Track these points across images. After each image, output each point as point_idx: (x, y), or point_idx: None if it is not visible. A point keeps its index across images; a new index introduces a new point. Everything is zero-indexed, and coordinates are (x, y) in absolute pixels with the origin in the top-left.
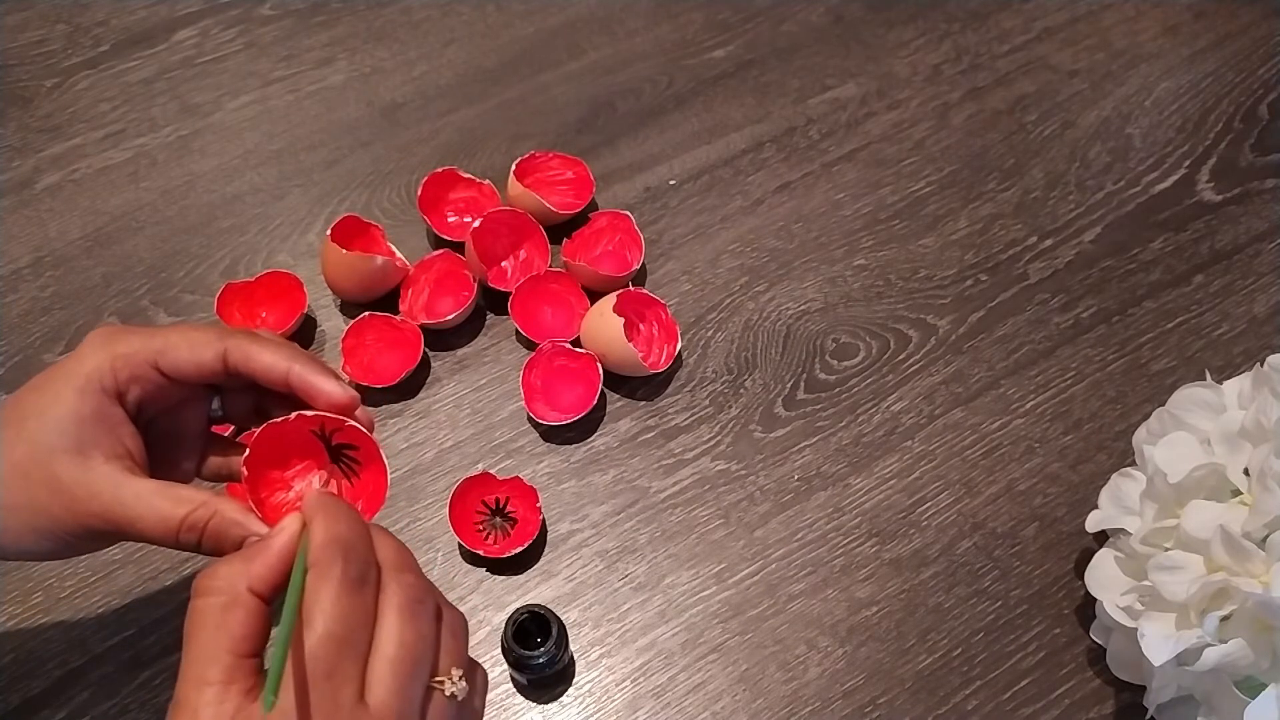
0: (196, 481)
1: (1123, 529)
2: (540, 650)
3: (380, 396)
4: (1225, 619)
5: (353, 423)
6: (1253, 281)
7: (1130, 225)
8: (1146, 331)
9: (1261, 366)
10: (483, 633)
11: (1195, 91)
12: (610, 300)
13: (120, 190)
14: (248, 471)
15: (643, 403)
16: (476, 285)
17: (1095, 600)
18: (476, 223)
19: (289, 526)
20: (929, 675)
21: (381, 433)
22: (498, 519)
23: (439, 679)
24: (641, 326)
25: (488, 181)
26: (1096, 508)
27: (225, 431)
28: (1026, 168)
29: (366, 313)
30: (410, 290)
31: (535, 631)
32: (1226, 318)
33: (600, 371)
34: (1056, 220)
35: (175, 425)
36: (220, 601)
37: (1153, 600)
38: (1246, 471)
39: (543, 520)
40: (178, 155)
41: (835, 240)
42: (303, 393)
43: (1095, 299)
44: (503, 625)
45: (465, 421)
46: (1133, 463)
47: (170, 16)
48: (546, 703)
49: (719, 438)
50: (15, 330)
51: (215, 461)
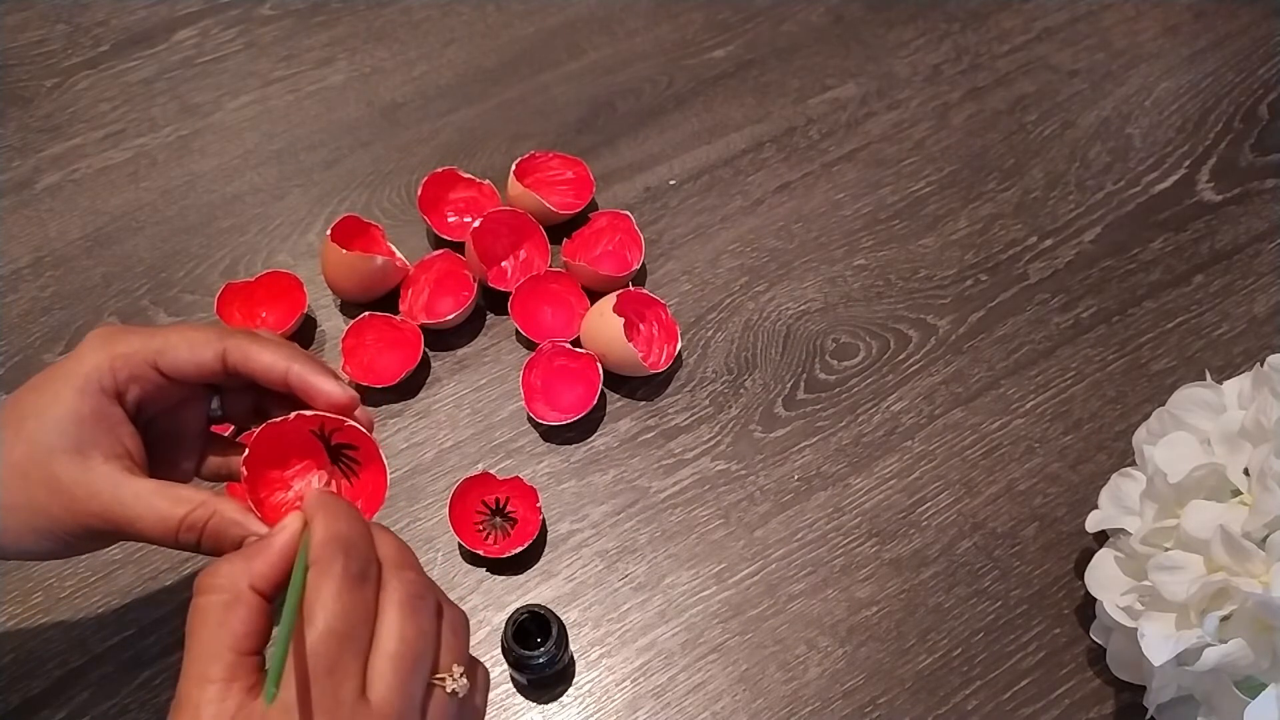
0: (196, 481)
1: (1123, 529)
2: (540, 650)
3: (380, 396)
4: (1225, 619)
5: (352, 422)
6: (1253, 281)
7: (1130, 225)
8: (1146, 331)
9: (1261, 366)
10: (483, 633)
11: (1195, 91)
12: (610, 300)
13: (120, 190)
14: (247, 471)
15: (643, 403)
16: (476, 285)
17: (1095, 600)
18: (476, 223)
19: (290, 525)
20: (929, 675)
21: (381, 433)
22: (498, 519)
23: (440, 675)
24: (641, 326)
25: (488, 181)
26: (1096, 508)
27: (225, 431)
28: (1026, 168)
29: (366, 313)
30: (410, 290)
31: (535, 631)
32: (1226, 318)
33: (600, 371)
34: (1056, 220)
35: (175, 425)
36: (222, 599)
37: (1153, 600)
38: (1246, 471)
39: (543, 520)
40: (178, 155)
41: (835, 240)
42: (302, 392)
43: (1095, 299)
44: (503, 625)
45: (465, 421)
46: (1133, 463)
47: (170, 16)
48: (546, 703)
49: (719, 438)
50: (15, 330)
51: (215, 461)
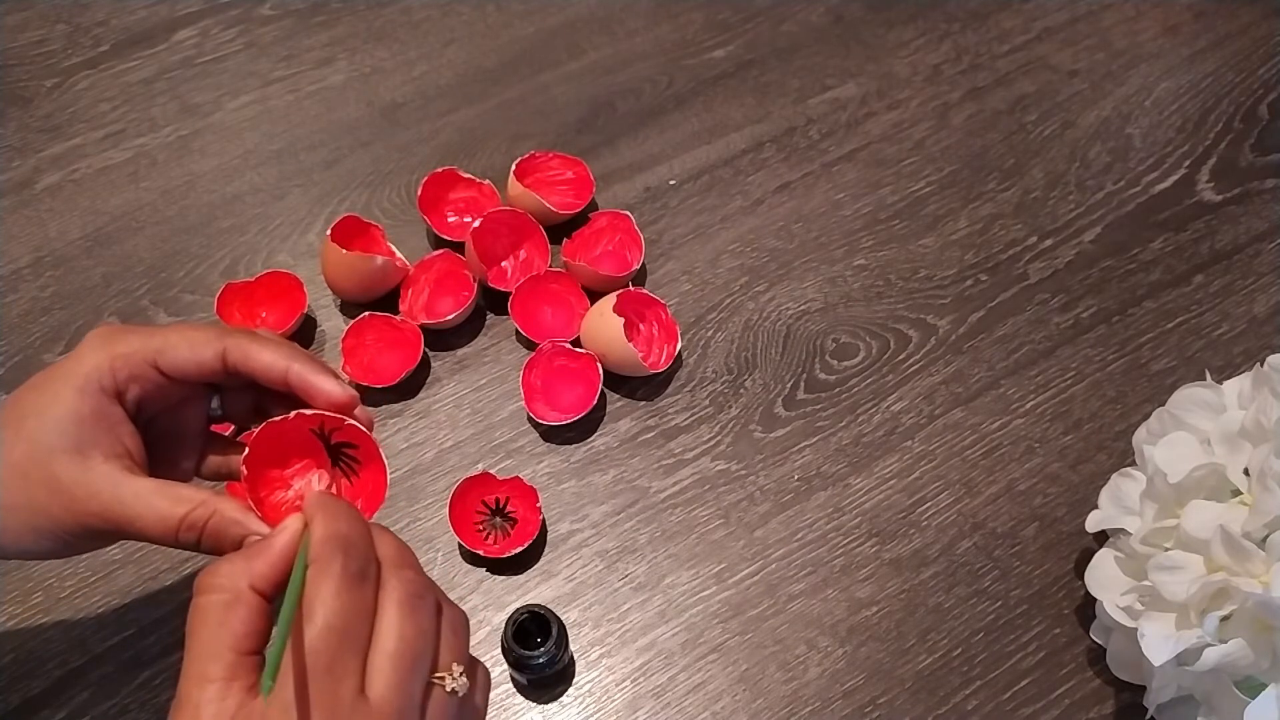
0: (196, 480)
1: (1123, 529)
2: (540, 650)
3: (380, 396)
4: (1225, 619)
5: (352, 422)
6: (1253, 281)
7: (1130, 225)
8: (1146, 331)
9: (1261, 366)
10: (483, 633)
11: (1195, 91)
12: (610, 300)
13: (120, 190)
14: (247, 470)
15: (643, 403)
16: (476, 285)
17: (1095, 600)
18: (476, 223)
19: (291, 526)
20: (929, 675)
21: (381, 433)
22: (498, 519)
23: (439, 675)
24: (641, 326)
25: (488, 181)
26: (1096, 508)
27: (225, 430)
28: (1026, 168)
29: (366, 313)
30: (410, 290)
31: (535, 631)
32: (1226, 318)
33: (600, 371)
34: (1056, 220)
35: (175, 424)
36: (222, 599)
37: (1153, 600)
38: (1246, 471)
39: (543, 520)
40: (178, 155)
41: (835, 240)
42: (302, 392)
43: (1095, 299)
44: (503, 625)
45: (465, 421)
46: (1133, 463)
47: (170, 16)
48: (546, 703)
49: (719, 438)
50: (15, 330)
51: (215, 460)
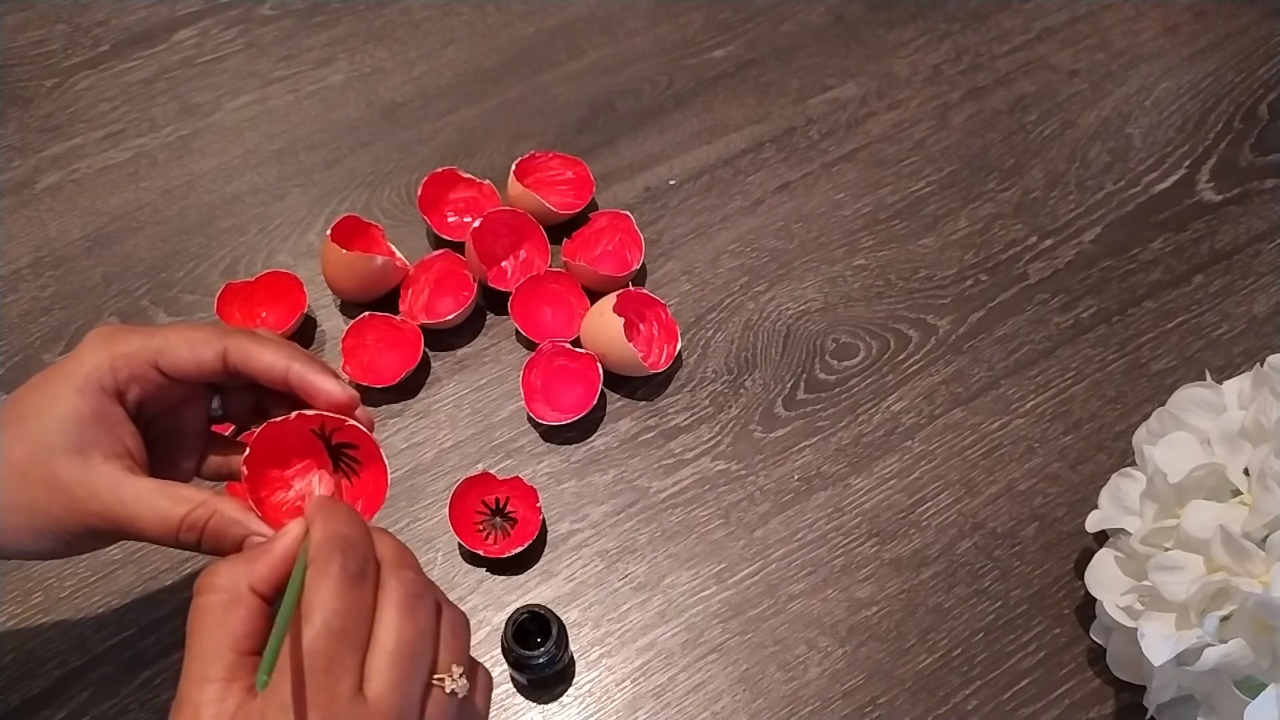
0: (196, 481)
1: (1123, 529)
2: (540, 650)
3: (380, 396)
4: (1225, 619)
5: (353, 422)
6: (1253, 281)
7: (1130, 225)
8: (1146, 331)
9: (1261, 366)
10: (483, 633)
11: (1195, 91)
12: (610, 300)
13: (120, 190)
14: (248, 471)
15: (643, 403)
16: (476, 285)
17: (1095, 600)
18: (476, 223)
19: (292, 530)
20: (929, 675)
21: (381, 433)
22: (498, 519)
23: (439, 676)
24: (641, 326)
25: (488, 181)
26: (1096, 508)
27: (225, 430)
28: (1026, 168)
29: (366, 313)
30: (410, 290)
31: (535, 631)
32: (1226, 318)
33: (600, 371)
34: (1056, 220)
35: (175, 424)
36: (222, 599)
37: (1153, 600)
38: (1246, 471)
39: (543, 520)
40: (178, 155)
41: (835, 240)
42: (302, 392)
43: (1095, 299)
44: (503, 625)
45: (465, 421)
46: (1133, 463)
47: (170, 16)
48: (546, 703)
49: (719, 438)
50: (15, 330)
51: (215, 460)
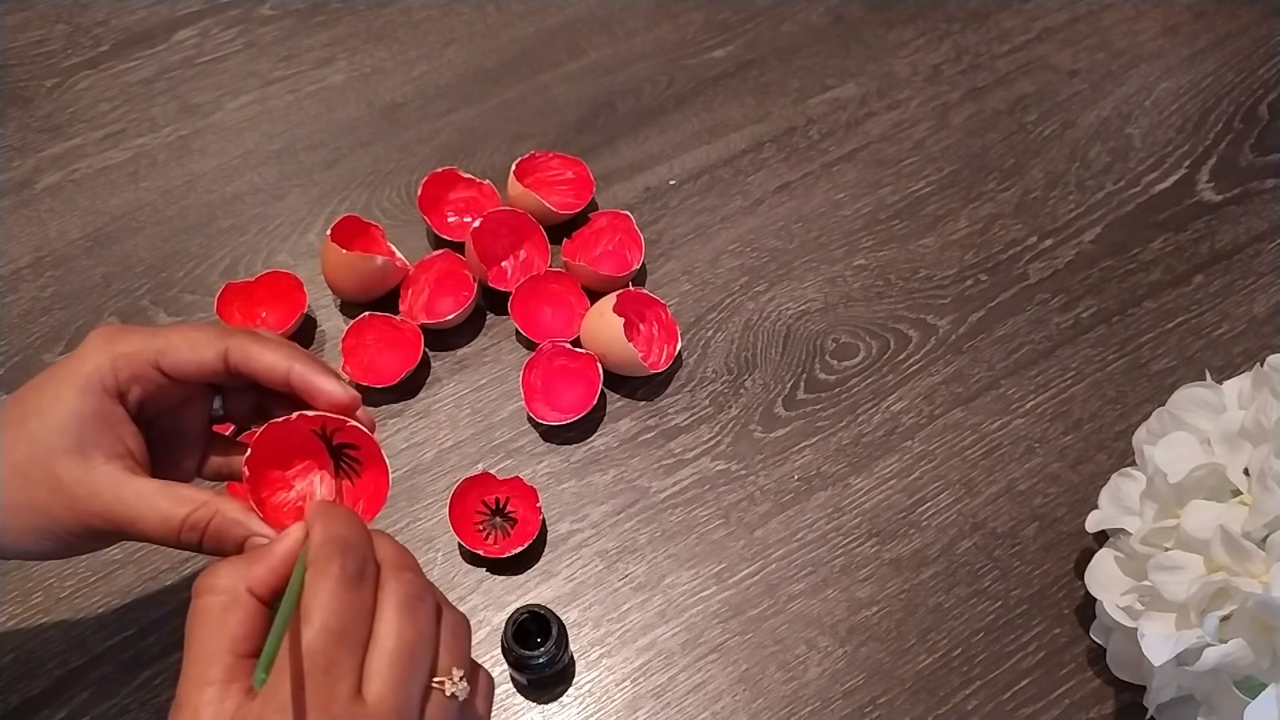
0: (198, 481)
1: (1123, 529)
2: (540, 650)
3: (380, 396)
4: (1225, 619)
5: (354, 423)
6: (1253, 281)
7: (1130, 225)
8: (1146, 331)
9: (1261, 366)
10: (483, 633)
11: (1195, 91)
12: (610, 300)
13: (120, 190)
14: (249, 471)
15: (643, 403)
16: (476, 285)
17: (1095, 600)
18: (476, 223)
19: (293, 534)
20: (929, 675)
21: (381, 433)
22: (498, 519)
23: (439, 679)
24: (641, 326)
25: (488, 181)
26: (1096, 508)
27: (226, 431)
28: (1026, 168)
29: (366, 313)
30: (410, 290)
31: (535, 631)
32: (1226, 318)
33: (600, 371)
34: (1056, 220)
35: (176, 425)
36: (221, 601)
37: (1153, 600)
38: (1246, 471)
39: (543, 520)
40: (178, 155)
41: (835, 240)
42: (303, 392)
43: (1095, 299)
44: (503, 625)
45: (465, 421)
46: (1133, 463)
47: (170, 16)
48: (546, 703)
49: (719, 438)
50: (15, 330)
51: (216, 461)
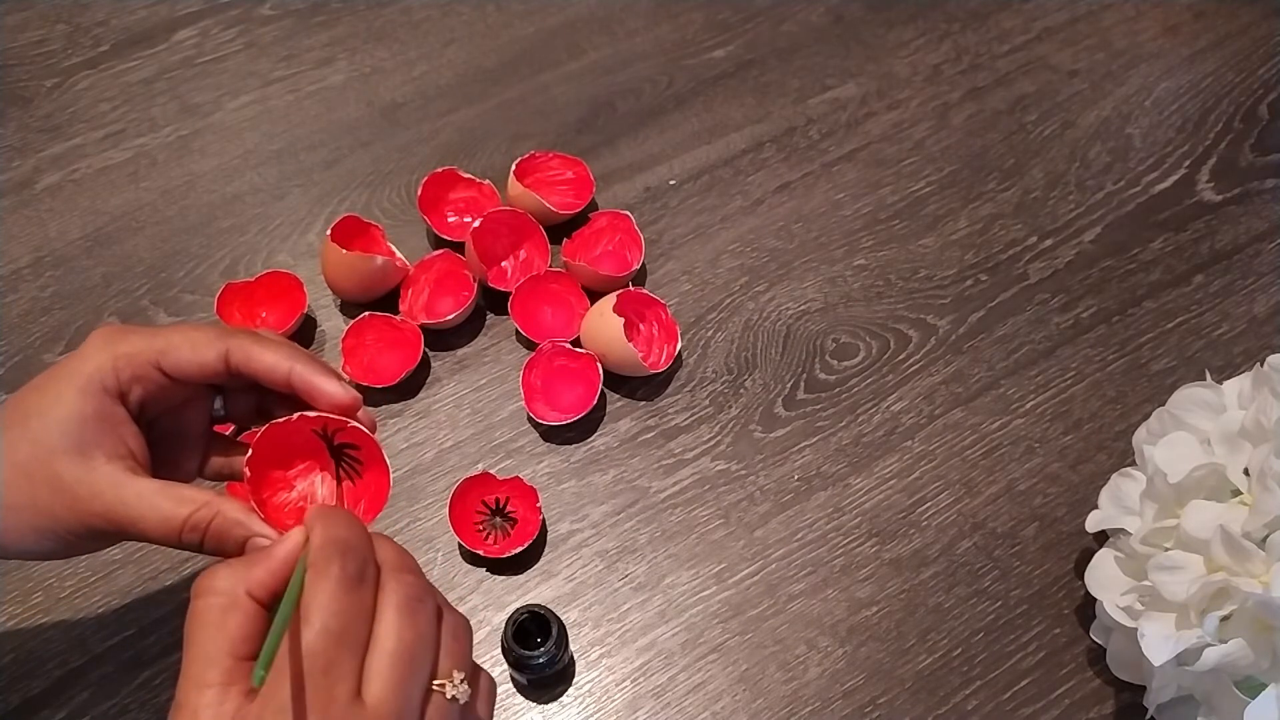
0: (198, 481)
1: (1123, 529)
2: (540, 650)
3: (380, 396)
4: (1225, 619)
5: (355, 423)
6: (1253, 281)
7: (1130, 225)
8: (1146, 331)
9: (1261, 366)
10: (483, 633)
11: (1195, 91)
12: (610, 300)
13: (120, 190)
14: (250, 472)
15: (643, 403)
16: (476, 285)
17: (1095, 600)
18: (476, 223)
19: (293, 537)
20: (929, 675)
21: (381, 433)
22: (498, 519)
23: (440, 681)
24: (641, 326)
25: (488, 181)
26: (1096, 508)
27: (227, 431)
28: (1026, 168)
29: (366, 313)
30: (410, 290)
31: (535, 631)
32: (1226, 318)
33: (600, 371)
34: (1056, 220)
35: (177, 425)
36: (220, 603)
37: (1153, 600)
38: (1246, 471)
39: (543, 520)
40: (178, 155)
41: (835, 240)
42: (304, 393)
43: (1095, 299)
44: (503, 625)
45: (465, 421)
46: (1133, 463)
47: (170, 16)
48: (546, 703)
49: (719, 438)
50: (15, 330)
51: (217, 461)
